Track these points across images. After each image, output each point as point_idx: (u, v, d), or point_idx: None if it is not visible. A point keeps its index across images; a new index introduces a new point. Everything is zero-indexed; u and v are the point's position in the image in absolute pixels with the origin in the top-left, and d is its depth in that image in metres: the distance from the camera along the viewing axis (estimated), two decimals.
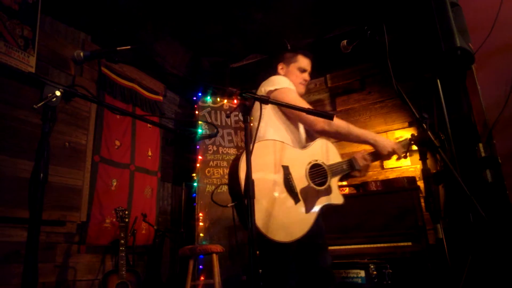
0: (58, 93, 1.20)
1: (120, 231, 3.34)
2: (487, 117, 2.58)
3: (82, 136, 3.59)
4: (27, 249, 1.10)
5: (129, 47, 1.62)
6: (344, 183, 3.56)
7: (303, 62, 2.29)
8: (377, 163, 3.92)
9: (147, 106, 4.43)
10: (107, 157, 3.80)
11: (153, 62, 4.44)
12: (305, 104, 1.87)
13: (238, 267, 4.13)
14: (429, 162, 1.73)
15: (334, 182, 1.96)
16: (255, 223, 1.38)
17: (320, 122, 1.94)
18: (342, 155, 2.07)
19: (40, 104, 1.16)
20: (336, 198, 1.95)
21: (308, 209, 1.81)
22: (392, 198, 3.02)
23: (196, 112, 4.81)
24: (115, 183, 3.83)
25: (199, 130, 4.42)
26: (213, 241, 4.19)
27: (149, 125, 4.45)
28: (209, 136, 1.87)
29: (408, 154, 1.95)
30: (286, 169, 1.79)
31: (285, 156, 1.82)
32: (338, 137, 2.00)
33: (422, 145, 1.50)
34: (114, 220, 3.58)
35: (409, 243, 2.72)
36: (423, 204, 2.99)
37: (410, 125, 3.88)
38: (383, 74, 4.13)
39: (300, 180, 1.82)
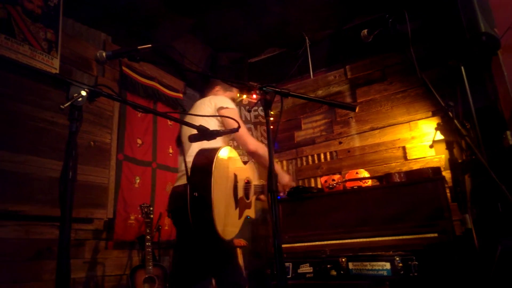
0: (84, 93, 1.22)
1: (145, 227, 3.41)
2: None
3: (106, 135, 3.66)
4: (60, 246, 1.13)
5: (150, 45, 1.65)
6: (367, 175, 3.51)
7: (236, 95, 2.77)
8: (401, 153, 3.87)
9: (168, 103, 4.48)
10: (130, 155, 3.87)
11: (173, 60, 4.47)
12: (244, 125, 2.21)
13: (262, 261, 4.15)
14: (454, 151, 1.69)
15: (253, 198, 2.31)
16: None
17: (252, 144, 2.22)
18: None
19: (67, 104, 1.19)
20: (252, 212, 2.30)
21: (239, 216, 2.12)
22: (417, 189, 2.96)
23: None
24: (138, 181, 3.90)
25: None
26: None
27: (169, 122, 4.50)
28: (230, 132, 1.87)
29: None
30: (235, 177, 2.07)
31: (236, 165, 2.12)
32: (260, 159, 2.28)
33: (449, 134, 1.46)
34: (139, 216, 3.65)
35: (435, 235, 2.66)
36: (448, 194, 2.92)
37: (433, 115, 3.78)
38: (405, 63, 4.04)
39: (240, 190, 2.11)
